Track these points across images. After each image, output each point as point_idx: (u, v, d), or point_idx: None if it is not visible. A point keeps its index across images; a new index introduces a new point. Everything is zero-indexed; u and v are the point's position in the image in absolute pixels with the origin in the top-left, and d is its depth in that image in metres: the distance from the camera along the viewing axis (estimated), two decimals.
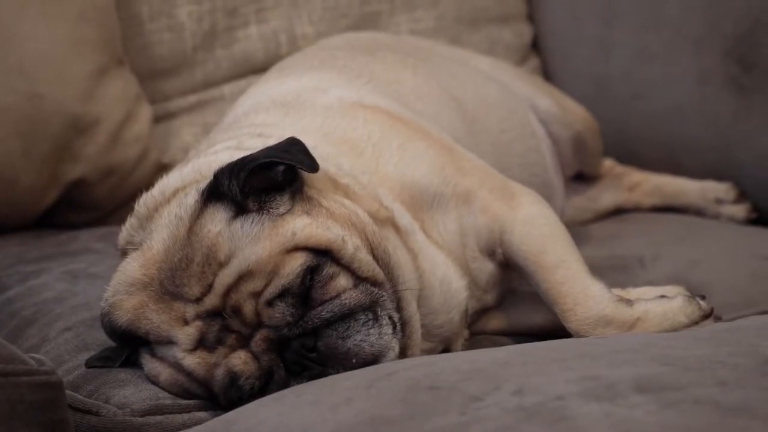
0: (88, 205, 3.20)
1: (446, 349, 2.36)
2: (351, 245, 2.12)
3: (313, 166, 2.13)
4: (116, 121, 3.14)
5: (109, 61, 3.15)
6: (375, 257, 2.16)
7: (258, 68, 3.33)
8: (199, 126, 3.37)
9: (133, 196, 2.31)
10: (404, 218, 2.31)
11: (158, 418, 2.10)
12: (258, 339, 2.07)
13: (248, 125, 2.46)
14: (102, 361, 2.21)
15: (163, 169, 3.04)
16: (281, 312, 2.06)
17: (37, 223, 3.20)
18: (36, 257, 2.88)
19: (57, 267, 2.77)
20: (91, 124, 3.10)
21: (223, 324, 2.07)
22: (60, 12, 3.07)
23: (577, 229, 3.05)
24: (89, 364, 2.22)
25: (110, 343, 2.23)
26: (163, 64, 3.36)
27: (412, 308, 2.21)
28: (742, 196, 3.21)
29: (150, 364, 2.16)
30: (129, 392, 2.13)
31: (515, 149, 2.85)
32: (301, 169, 2.14)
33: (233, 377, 2.06)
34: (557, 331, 2.29)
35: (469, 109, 2.78)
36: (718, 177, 3.24)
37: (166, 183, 2.25)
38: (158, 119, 3.34)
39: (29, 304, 2.56)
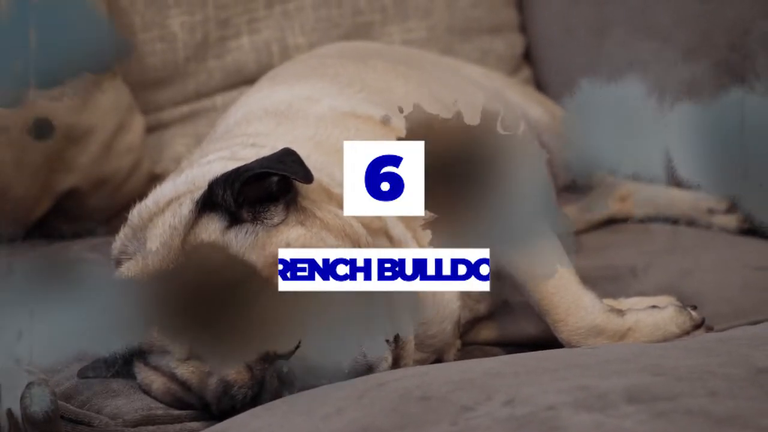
0: (81, 215, 3.19)
1: (438, 360, 2.36)
2: None
3: (307, 177, 2.13)
4: (109, 131, 3.14)
5: None
6: None
7: (250, 79, 3.32)
8: (191, 136, 3.36)
9: (126, 206, 2.31)
10: (397, 228, 2.31)
11: (150, 428, 2.09)
12: None
13: (241, 135, 2.46)
14: (94, 372, 2.21)
15: (155, 179, 3.04)
16: None
17: (29, 233, 3.19)
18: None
19: None
20: (83, 134, 3.09)
21: None
22: None
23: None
24: (82, 375, 2.22)
25: None
26: (155, 75, 3.35)
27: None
28: (734, 206, 3.20)
29: (143, 373, 2.16)
30: (121, 403, 2.13)
31: None
32: (296, 179, 2.14)
33: (226, 386, 2.06)
34: (549, 341, 2.29)
35: None
36: None
37: (160, 193, 2.25)
38: (150, 129, 3.34)
39: None
